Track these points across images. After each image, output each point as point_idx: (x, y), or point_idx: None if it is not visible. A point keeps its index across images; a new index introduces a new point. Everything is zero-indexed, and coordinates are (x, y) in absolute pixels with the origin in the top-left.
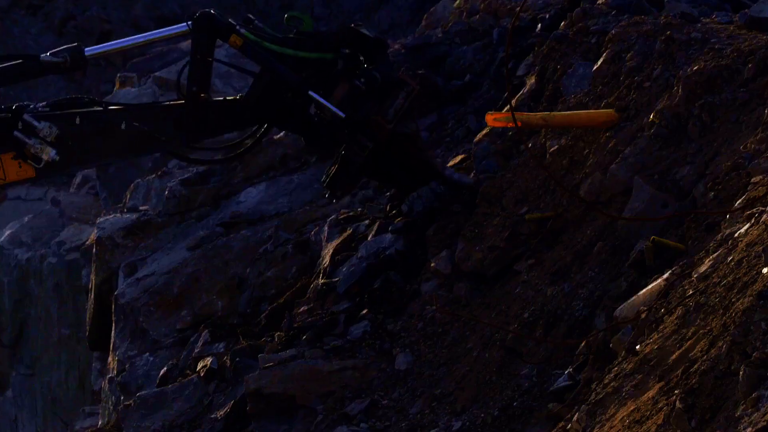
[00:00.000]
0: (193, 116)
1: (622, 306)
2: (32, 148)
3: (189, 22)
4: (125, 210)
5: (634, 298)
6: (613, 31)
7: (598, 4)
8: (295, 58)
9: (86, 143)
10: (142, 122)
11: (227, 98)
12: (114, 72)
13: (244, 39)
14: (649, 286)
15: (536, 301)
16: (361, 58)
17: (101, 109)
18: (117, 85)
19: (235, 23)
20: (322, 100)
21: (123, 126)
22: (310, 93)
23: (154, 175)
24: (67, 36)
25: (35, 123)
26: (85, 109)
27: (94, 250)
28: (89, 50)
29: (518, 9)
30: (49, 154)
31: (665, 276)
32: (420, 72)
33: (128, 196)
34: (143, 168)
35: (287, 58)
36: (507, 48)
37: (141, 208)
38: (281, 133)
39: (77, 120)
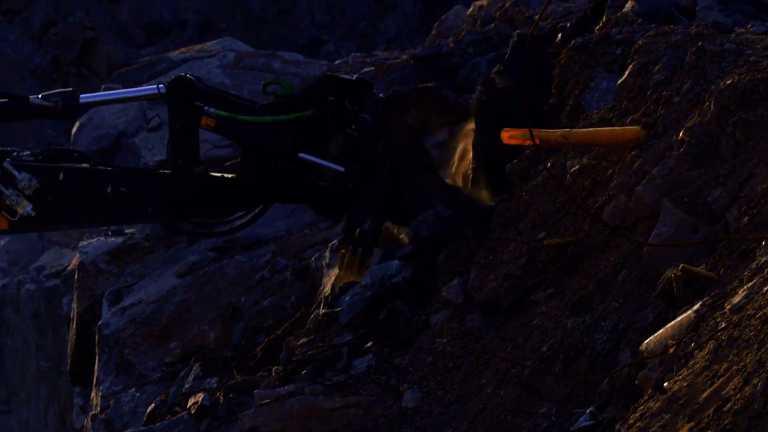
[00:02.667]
0: (183, 191)
1: (648, 340)
2: (8, 199)
3: (160, 86)
4: (110, 233)
5: (661, 331)
6: (639, 42)
7: (624, 11)
8: (276, 124)
9: (67, 203)
10: (131, 188)
11: (225, 175)
12: (98, 83)
13: (216, 119)
14: (678, 319)
15: (555, 334)
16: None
17: (88, 166)
18: None
19: (203, 104)
20: (315, 159)
21: (109, 189)
22: (301, 156)
23: None
24: (48, 44)
25: (15, 173)
26: (70, 165)
27: (75, 276)
28: (85, 98)
29: (537, 17)
30: (25, 208)
31: (695, 307)
32: (430, 84)
33: None
34: None
35: (267, 126)
36: (524, 59)
37: (127, 231)
38: None
39: (61, 176)
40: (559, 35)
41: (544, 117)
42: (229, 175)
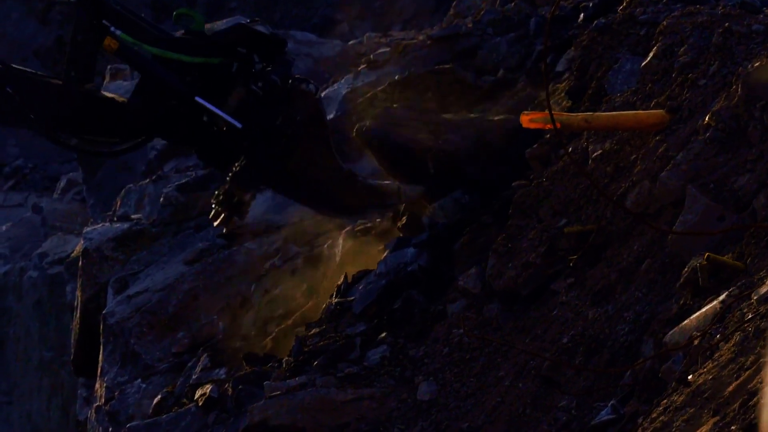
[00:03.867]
0: (70, 106)
1: (672, 331)
2: None
3: None
4: (115, 218)
5: (685, 322)
6: (664, 22)
7: None
8: (179, 62)
9: None
10: (18, 91)
11: (117, 98)
12: (104, 63)
13: (119, 42)
14: (703, 309)
15: (576, 325)
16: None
17: None
18: (107, 78)
19: (110, 25)
20: (213, 108)
21: None
22: (198, 100)
23: (147, 180)
24: (52, 23)
25: None
26: None
27: (80, 263)
28: None
29: None
30: None
31: (721, 298)
32: (448, 66)
33: (119, 203)
34: (136, 172)
35: (170, 62)
36: (545, 40)
37: (133, 216)
38: None
39: None
40: (582, 15)
41: None
42: (121, 99)
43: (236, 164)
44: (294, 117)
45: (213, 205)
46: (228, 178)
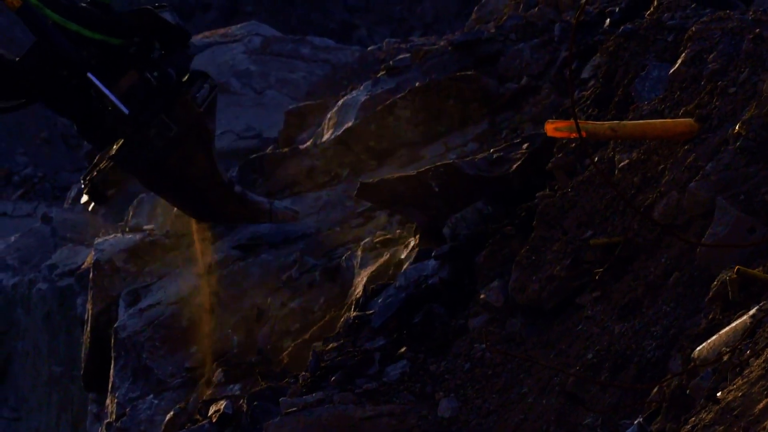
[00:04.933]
0: None
1: (701, 346)
2: None
3: None
4: (127, 229)
5: (715, 337)
6: (693, 28)
7: None
8: (78, 35)
9: None
10: None
11: (6, 54)
12: None
13: (23, 1)
14: (733, 324)
15: (601, 340)
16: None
17: None
18: None
19: None
20: (102, 88)
21: None
22: (89, 75)
23: None
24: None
25: None
26: None
27: (91, 275)
28: None
29: (584, 0)
30: None
31: (751, 312)
32: (469, 72)
33: (131, 213)
34: None
35: (69, 33)
36: (570, 46)
37: (145, 227)
38: (308, 143)
39: None
40: (608, 20)
41: None
42: (10, 58)
43: (114, 145)
44: (177, 118)
45: (82, 183)
46: (106, 158)
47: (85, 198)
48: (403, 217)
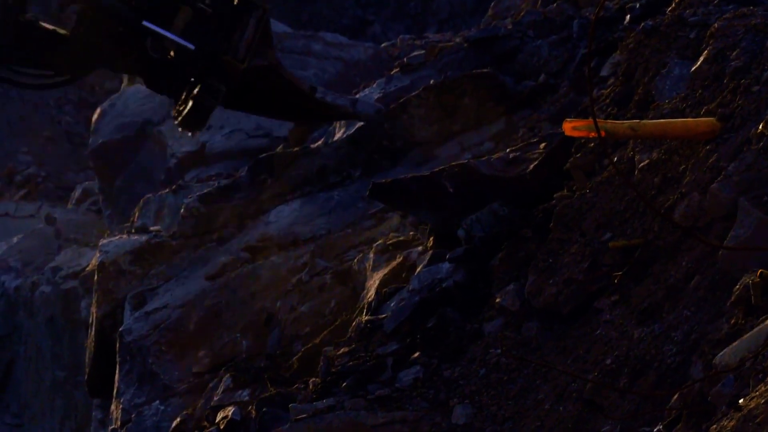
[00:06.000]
0: (8, 35)
1: (722, 352)
2: None
3: None
4: (133, 230)
5: (737, 342)
6: (715, 25)
7: None
8: None
9: None
10: None
11: (58, 30)
12: None
13: None
14: (756, 329)
15: (620, 345)
16: None
17: None
18: (125, 82)
19: None
20: (163, 31)
21: None
22: (145, 24)
23: (167, 190)
24: (67, 22)
25: None
26: None
27: (95, 277)
28: None
29: None
30: None
31: None
32: (486, 70)
33: (137, 214)
34: (155, 181)
35: None
36: (589, 43)
37: (152, 228)
38: (319, 142)
39: None
40: (628, 16)
41: None
42: (62, 31)
43: (181, 102)
44: (241, 38)
45: (174, 112)
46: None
47: (181, 126)
48: (416, 219)
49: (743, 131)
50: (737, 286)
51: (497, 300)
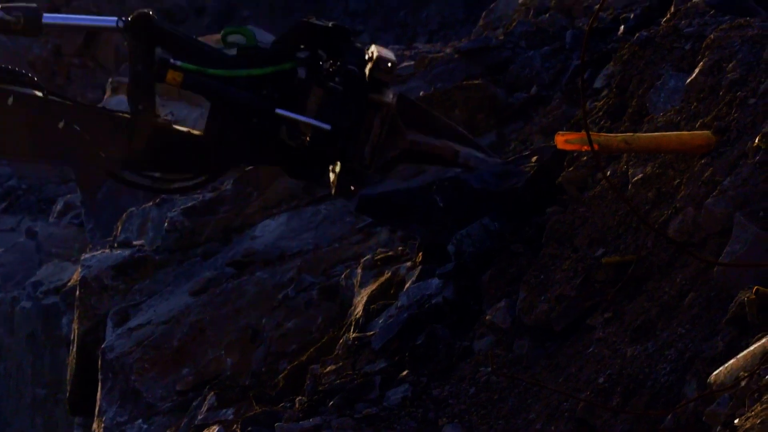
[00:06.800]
0: (141, 141)
1: (717, 371)
2: None
3: (120, 20)
4: (116, 245)
5: (732, 361)
6: (711, 36)
7: (694, 1)
8: (248, 79)
9: (10, 130)
10: (86, 127)
11: (193, 131)
12: (105, 76)
13: (183, 72)
14: (752, 347)
15: (613, 364)
16: (322, 54)
17: (42, 95)
18: (108, 92)
19: (168, 55)
20: (295, 116)
21: (61, 124)
22: (279, 111)
23: (151, 203)
24: (49, 33)
25: None
26: (22, 89)
27: (77, 293)
28: (48, 17)
29: (597, 7)
30: None
31: None
32: (477, 81)
33: (119, 228)
34: (138, 194)
35: (240, 81)
36: (583, 54)
37: (135, 242)
38: None
39: (10, 100)
40: (622, 27)
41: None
42: (197, 132)
43: (331, 177)
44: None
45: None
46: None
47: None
48: (405, 234)
49: (739, 145)
50: (733, 304)
51: (488, 317)
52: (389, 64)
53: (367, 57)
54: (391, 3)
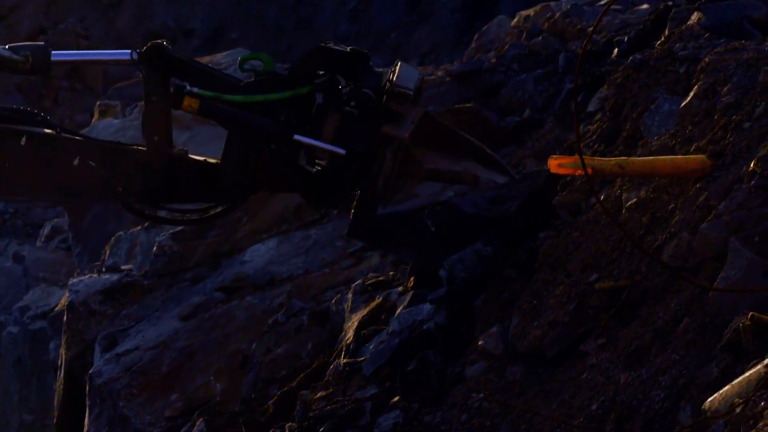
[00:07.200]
0: (158, 173)
1: (712, 397)
2: None
3: (134, 53)
4: (104, 269)
5: (727, 387)
6: (706, 59)
7: (689, 24)
8: (265, 104)
9: (25, 170)
10: (101, 163)
11: (209, 160)
12: (93, 99)
13: (200, 99)
14: (747, 374)
15: (607, 390)
16: (340, 78)
17: (55, 133)
18: (96, 116)
19: (184, 83)
20: (311, 141)
21: (76, 162)
22: (296, 138)
23: (139, 227)
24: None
25: None
26: (34, 129)
27: (64, 318)
28: (57, 55)
29: (591, 30)
30: None
31: (766, 361)
32: (469, 105)
33: (107, 253)
34: (126, 218)
35: (256, 106)
36: (576, 77)
37: (123, 267)
38: None
39: (23, 140)
40: (616, 50)
41: None
42: (213, 160)
43: (351, 209)
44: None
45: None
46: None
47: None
48: (396, 258)
49: (734, 169)
50: (728, 330)
51: (480, 343)
52: (406, 92)
53: (388, 77)
54: (382, 25)
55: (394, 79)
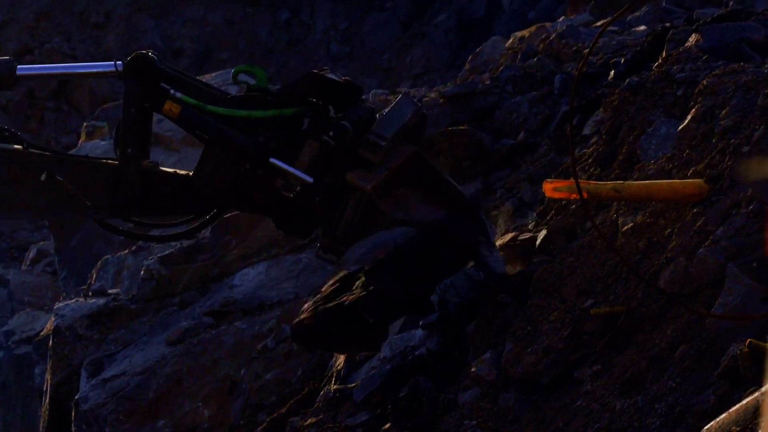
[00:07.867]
0: (129, 186)
1: (709, 425)
2: None
3: (118, 63)
4: (90, 293)
5: (724, 415)
6: (704, 82)
7: (687, 46)
8: (248, 121)
9: None
10: (69, 178)
11: (179, 172)
12: (80, 120)
13: (181, 105)
14: (744, 401)
15: (602, 417)
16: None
17: (22, 148)
18: (83, 137)
19: (169, 87)
20: (284, 166)
21: (43, 177)
22: (272, 161)
23: (126, 251)
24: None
25: None
26: (2, 145)
27: (50, 342)
28: (23, 69)
29: (587, 51)
30: None
31: (764, 389)
32: (462, 127)
33: (94, 276)
34: (113, 241)
35: (238, 121)
36: (571, 100)
37: (110, 291)
38: None
39: None
40: (612, 72)
41: None
42: (184, 173)
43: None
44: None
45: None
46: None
47: (321, 251)
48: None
49: (732, 194)
50: (725, 356)
51: (473, 369)
52: (378, 143)
53: (380, 113)
54: (375, 45)
55: (379, 119)
